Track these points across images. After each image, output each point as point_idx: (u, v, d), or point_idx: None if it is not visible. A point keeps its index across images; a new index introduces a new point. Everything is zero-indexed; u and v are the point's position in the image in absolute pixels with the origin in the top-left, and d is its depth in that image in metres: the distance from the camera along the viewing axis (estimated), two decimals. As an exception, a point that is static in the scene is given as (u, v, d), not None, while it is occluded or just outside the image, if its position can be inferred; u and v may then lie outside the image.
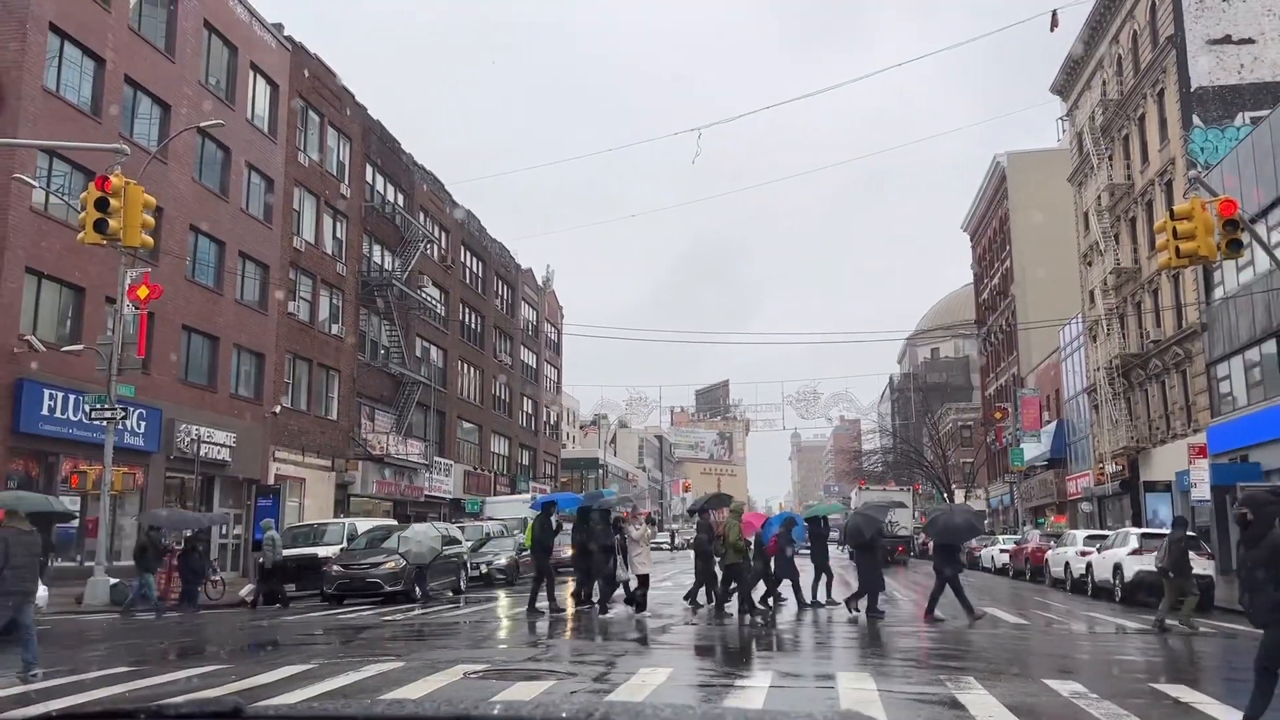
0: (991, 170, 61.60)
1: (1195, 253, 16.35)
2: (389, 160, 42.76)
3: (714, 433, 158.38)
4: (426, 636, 15.82)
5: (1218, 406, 30.97)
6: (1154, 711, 8.62)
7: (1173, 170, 34.00)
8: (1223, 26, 33.51)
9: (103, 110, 25.35)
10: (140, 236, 17.12)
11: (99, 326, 23.74)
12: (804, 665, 12.52)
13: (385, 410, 41.17)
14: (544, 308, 66.37)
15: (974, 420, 74.45)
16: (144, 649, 14.09)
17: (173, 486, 27.99)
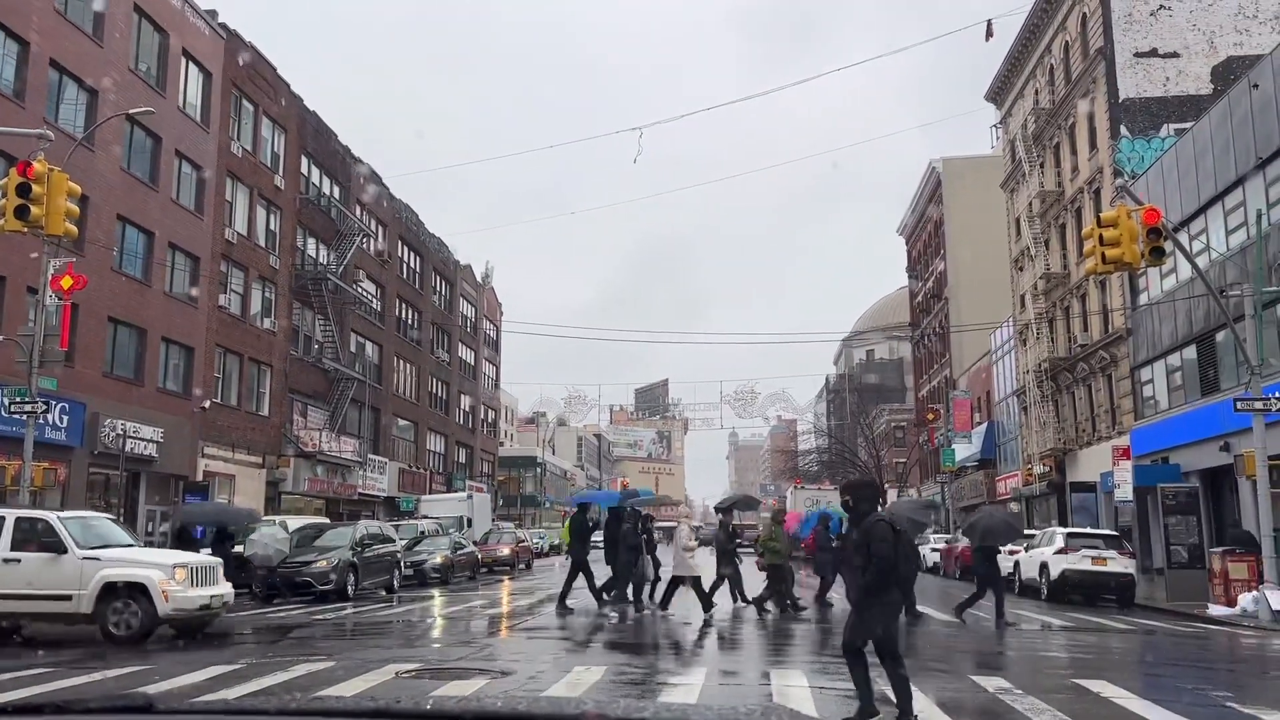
0: (927, 175, 62.62)
1: (1120, 260, 16.81)
2: (325, 152, 42.12)
3: (652, 431, 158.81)
4: (358, 636, 15.64)
5: (1141, 410, 31.86)
6: (1075, 706, 8.83)
7: (1101, 179, 34.90)
8: (1149, 40, 34.48)
9: (26, 94, 24.59)
10: (64, 225, 16.63)
11: (20, 317, 23.01)
12: (740, 663, 12.60)
13: (318, 406, 40.55)
14: (483, 304, 65.94)
15: (907, 421, 75.62)
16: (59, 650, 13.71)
17: (97, 483, 27.25)
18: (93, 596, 13.75)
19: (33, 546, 14.08)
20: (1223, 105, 26.47)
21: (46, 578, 13.85)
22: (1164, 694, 9.73)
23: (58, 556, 13.92)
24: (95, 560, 14.05)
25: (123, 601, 13.77)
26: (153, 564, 14.30)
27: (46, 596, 13.86)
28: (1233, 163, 25.35)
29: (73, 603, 13.79)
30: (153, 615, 13.76)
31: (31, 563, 13.95)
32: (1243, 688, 10.97)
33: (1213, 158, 26.52)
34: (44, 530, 14.22)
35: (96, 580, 13.81)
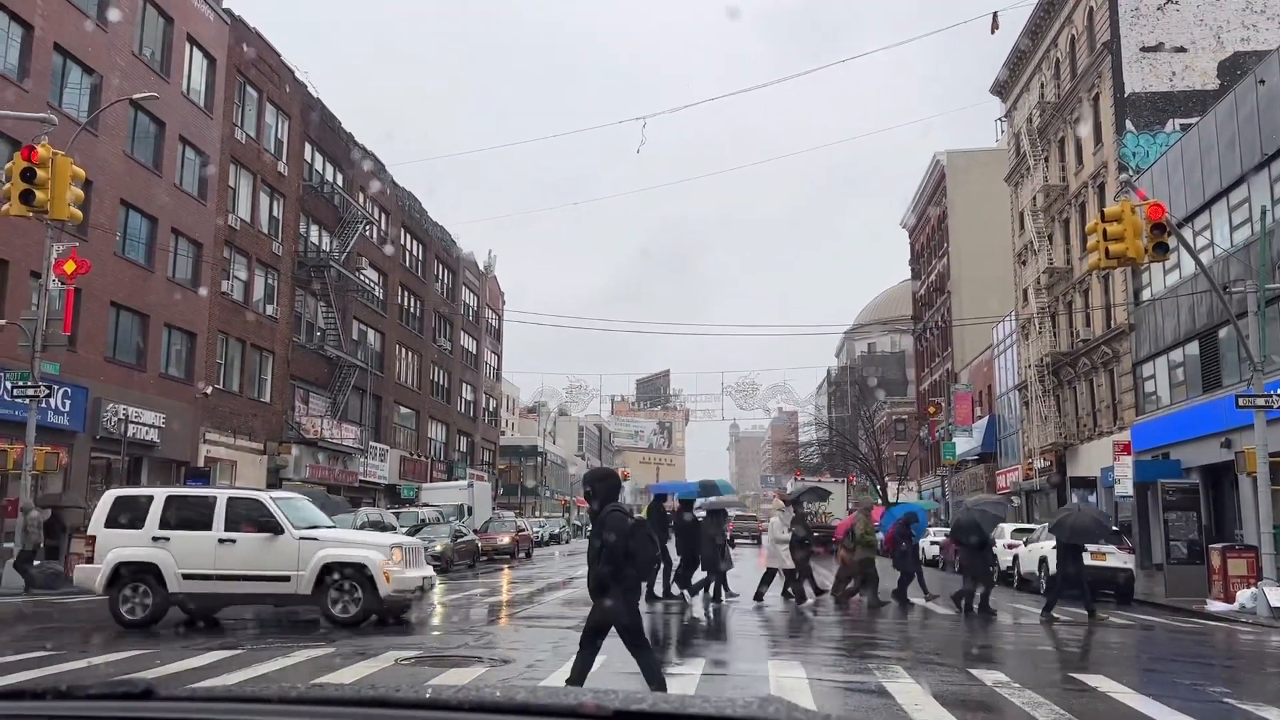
0: (931, 169, 62.50)
1: (1124, 255, 16.77)
2: (329, 139, 42.07)
3: (654, 422, 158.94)
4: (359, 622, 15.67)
5: (1142, 405, 31.85)
6: (1073, 700, 8.85)
7: (1105, 173, 34.82)
8: (1156, 35, 34.36)
9: (30, 78, 24.56)
10: (68, 209, 16.65)
11: (23, 301, 23.02)
12: (738, 655, 12.63)
13: (320, 393, 40.58)
14: (485, 294, 65.91)
15: (908, 414, 75.65)
16: (63, 633, 13.76)
17: (99, 467, 27.30)
18: (311, 578, 13.58)
19: (248, 527, 13.90)
20: (1229, 101, 26.39)
21: (263, 559, 13.65)
22: (1162, 689, 9.76)
23: (274, 537, 13.74)
24: (312, 541, 13.88)
25: (345, 583, 13.59)
26: (372, 545, 14.18)
27: (264, 577, 13.68)
28: (1238, 159, 25.28)
29: (290, 584, 13.66)
30: (374, 597, 13.60)
31: (248, 544, 13.77)
32: (1240, 684, 10.99)
33: (1218, 153, 26.45)
34: (257, 510, 14.09)
35: (315, 561, 13.62)
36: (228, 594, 13.98)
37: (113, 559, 13.78)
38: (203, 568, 13.74)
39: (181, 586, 13.72)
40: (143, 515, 14.12)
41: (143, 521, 14.06)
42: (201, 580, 13.74)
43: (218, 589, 13.83)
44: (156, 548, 13.75)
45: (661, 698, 1.40)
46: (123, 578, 13.70)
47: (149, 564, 13.67)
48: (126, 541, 13.94)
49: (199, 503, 14.42)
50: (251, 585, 13.79)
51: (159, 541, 13.82)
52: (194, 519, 14.05)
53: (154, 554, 13.70)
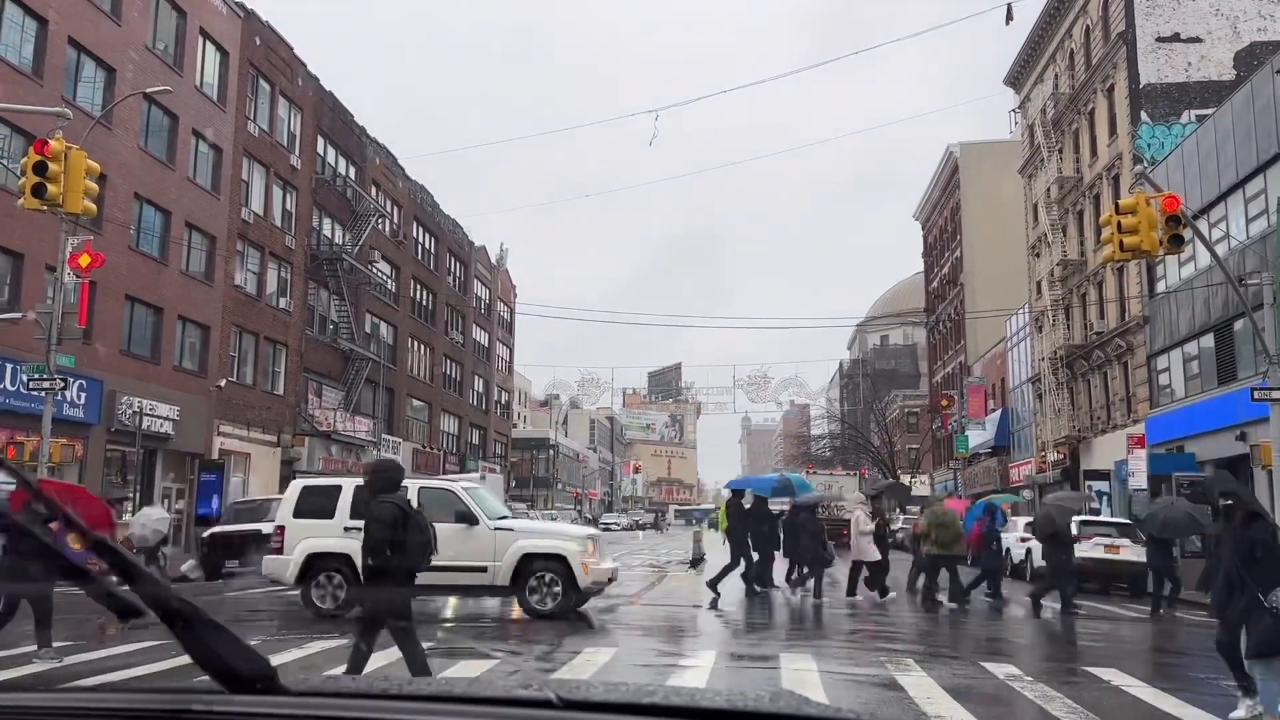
0: (944, 160, 62.22)
1: (1138, 247, 16.68)
2: (341, 132, 42.14)
3: (665, 415, 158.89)
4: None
5: (1157, 398, 31.69)
6: (1084, 693, 8.84)
7: (1120, 165, 34.60)
8: (1172, 25, 34.10)
9: (44, 72, 24.67)
10: (82, 203, 16.72)
11: (38, 294, 23.15)
12: (749, 647, 12.64)
13: (333, 386, 40.73)
14: (497, 286, 65.98)
15: (921, 407, 75.47)
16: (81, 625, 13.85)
17: (114, 459, 27.48)
18: (509, 569, 13.46)
19: (438, 517, 13.47)
20: (1245, 91, 26.18)
21: (460, 550, 13.46)
22: (1175, 683, 9.73)
23: (469, 528, 13.61)
24: (509, 531, 13.79)
25: (545, 575, 13.46)
26: (569, 536, 14.11)
27: (461, 568, 13.48)
28: (1254, 150, 25.09)
29: (488, 575, 13.55)
30: (573, 589, 13.49)
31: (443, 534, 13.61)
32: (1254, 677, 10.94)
33: (1234, 145, 26.26)
34: (450, 500, 13.99)
35: (513, 552, 13.49)
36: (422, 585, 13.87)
37: (305, 549, 13.66)
38: None
39: None
40: (332, 505, 13.99)
41: (333, 511, 13.92)
42: None
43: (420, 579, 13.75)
44: (349, 538, 13.50)
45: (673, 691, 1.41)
46: (315, 568, 13.60)
47: (342, 554, 13.54)
48: (318, 532, 13.81)
49: None
50: (448, 576, 13.41)
51: (351, 531, 13.56)
52: None
53: (347, 544, 13.45)
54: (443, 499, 14.05)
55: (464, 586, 13.90)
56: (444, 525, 13.52)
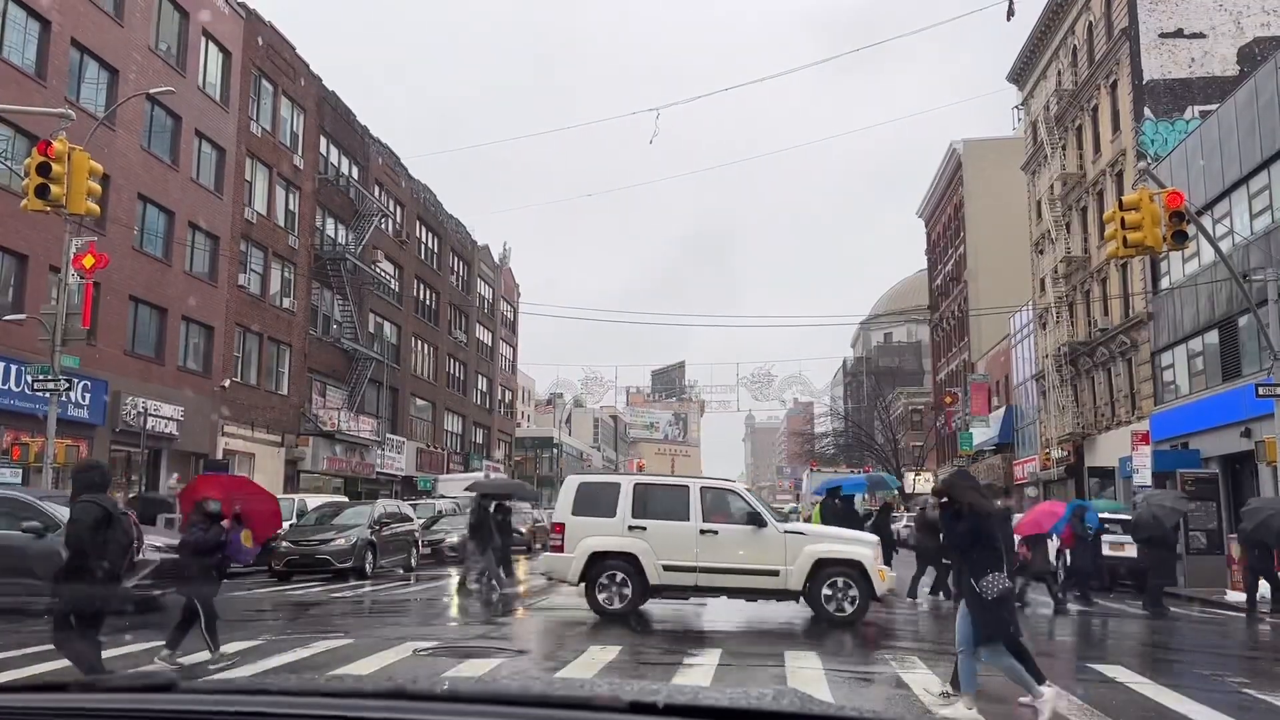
0: (947, 157, 62.13)
1: (1142, 243, 16.65)
2: (343, 132, 42.17)
3: (669, 413, 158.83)
4: (377, 613, 15.77)
5: (1161, 395, 31.64)
6: (1090, 690, 8.83)
7: (1124, 161, 34.54)
8: (1175, 20, 34.02)
9: (47, 74, 24.71)
10: (85, 204, 16.74)
11: (42, 295, 23.18)
12: (754, 645, 12.64)
13: (337, 386, 40.77)
14: (500, 285, 66.01)
15: (925, 404, 75.40)
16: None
17: (118, 460, 27.50)
18: (802, 574, 13.22)
19: (718, 518, 13.58)
20: (1248, 87, 26.13)
21: (749, 552, 13.28)
22: (1180, 679, 9.72)
23: (758, 530, 13.38)
24: (799, 535, 13.58)
25: (839, 580, 13.23)
26: (861, 541, 13.90)
27: (749, 571, 13.32)
28: (1258, 145, 25.04)
29: (779, 579, 13.29)
30: (868, 596, 13.29)
31: (731, 536, 13.40)
32: (1260, 674, 10.94)
33: (1237, 140, 26.21)
34: (734, 502, 13.83)
35: (806, 557, 13.25)
36: (709, 587, 13.59)
37: (588, 547, 13.52)
38: (684, 559, 13.33)
39: (661, 578, 13.36)
40: (612, 503, 13.84)
41: (614, 509, 13.77)
42: (683, 572, 13.34)
43: (700, 581, 13.45)
44: (634, 537, 13.43)
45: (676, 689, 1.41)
46: (598, 567, 13.47)
47: (627, 553, 13.42)
48: (600, 530, 13.68)
49: (672, 492, 14.07)
50: (736, 579, 13.36)
51: (635, 530, 13.48)
52: (668, 508, 13.70)
53: (632, 543, 13.39)
54: (726, 499, 13.84)
55: (752, 590, 13.64)
56: (731, 527, 13.38)
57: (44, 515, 14.72)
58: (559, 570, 13.97)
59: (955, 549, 7.97)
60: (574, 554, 13.54)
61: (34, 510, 14.87)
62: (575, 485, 14.51)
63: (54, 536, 14.39)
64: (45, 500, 15.62)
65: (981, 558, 7.52)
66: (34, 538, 14.36)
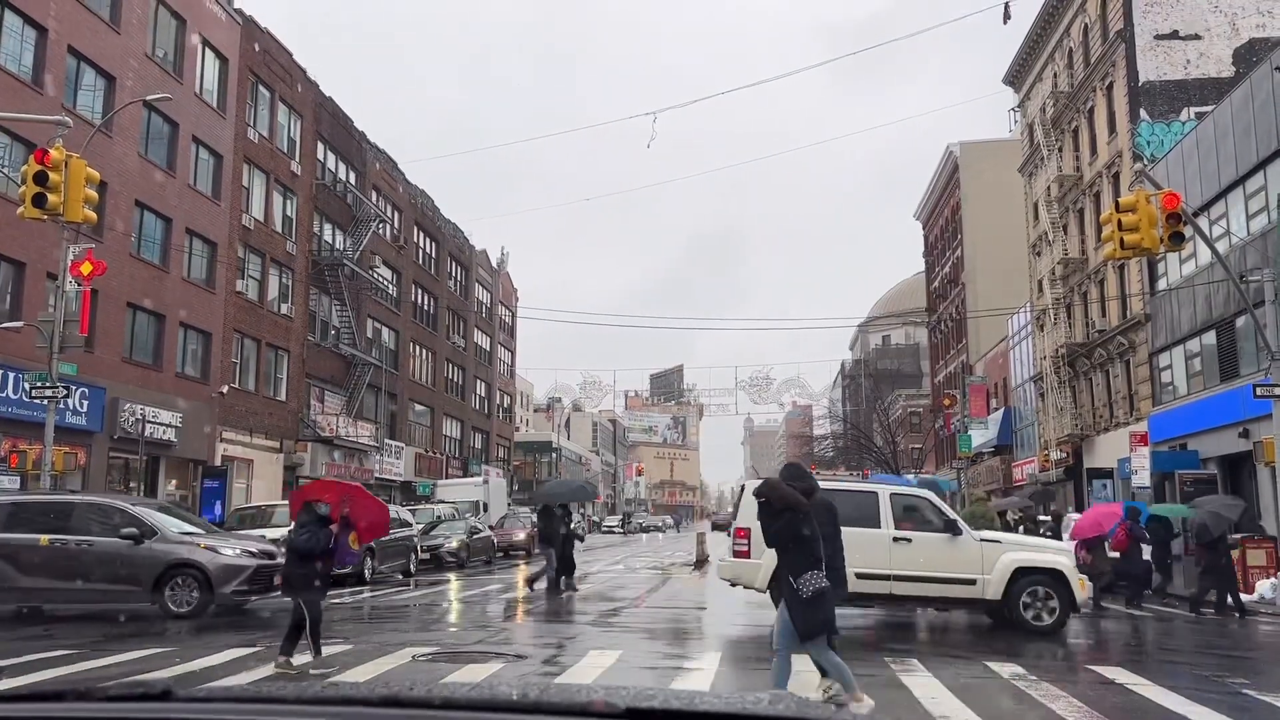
0: (944, 160, 62.22)
1: (1139, 245, 16.67)
2: (341, 138, 42.20)
3: (668, 417, 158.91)
4: (376, 619, 15.77)
5: (1159, 395, 31.66)
6: (1091, 692, 8.84)
7: (1120, 163, 34.60)
8: (1170, 22, 34.09)
9: (44, 81, 24.72)
10: (82, 211, 16.74)
11: (40, 303, 23.19)
12: (753, 649, 12.63)
13: (335, 391, 40.76)
14: (498, 290, 66.03)
15: (923, 406, 75.43)
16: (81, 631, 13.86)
17: (117, 467, 27.50)
18: (1001, 583, 12.94)
19: (907, 525, 13.37)
20: (1244, 88, 26.18)
21: (944, 560, 13.04)
22: (1180, 680, 9.72)
23: (953, 538, 13.14)
24: (995, 543, 13.32)
25: (1039, 589, 13.00)
26: (1058, 549, 13.71)
27: (944, 580, 13.07)
28: (1254, 146, 25.08)
29: (976, 588, 13.01)
30: (1068, 607, 13.06)
31: (925, 543, 13.15)
32: (1260, 674, 10.94)
33: (1233, 141, 26.25)
34: (924, 508, 13.64)
35: (1004, 565, 12.96)
36: (903, 595, 13.36)
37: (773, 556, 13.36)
38: (877, 567, 13.01)
39: (854, 586, 13.08)
40: None
41: None
42: (877, 580, 13.02)
43: (894, 590, 13.21)
44: None
45: (672, 694, 1.41)
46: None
47: None
48: None
49: (860, 498, 13.89)
50: (931, 588, 13.13)
51: None
52: (857, 515, 13.33)
53: None
54: (919, 508, 13.67)
55: (947, 599, 13.45)
56: (924, 534, 13.13)
57: (141, 522, 14.92)
58: (745, 576, 13.64)
59: (773, 546, 7.99)
60: (761, 560, 13.23)
61: (131, 517, 15.17)
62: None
63: (150, 542, 14.62)
64: (137, 506, 15.97)
65: (798, 556, 7.56)
66: (132, 544, 14.52)
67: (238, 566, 15.02)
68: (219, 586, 14.73)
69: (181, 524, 16.09)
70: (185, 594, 14.67)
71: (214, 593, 14.72)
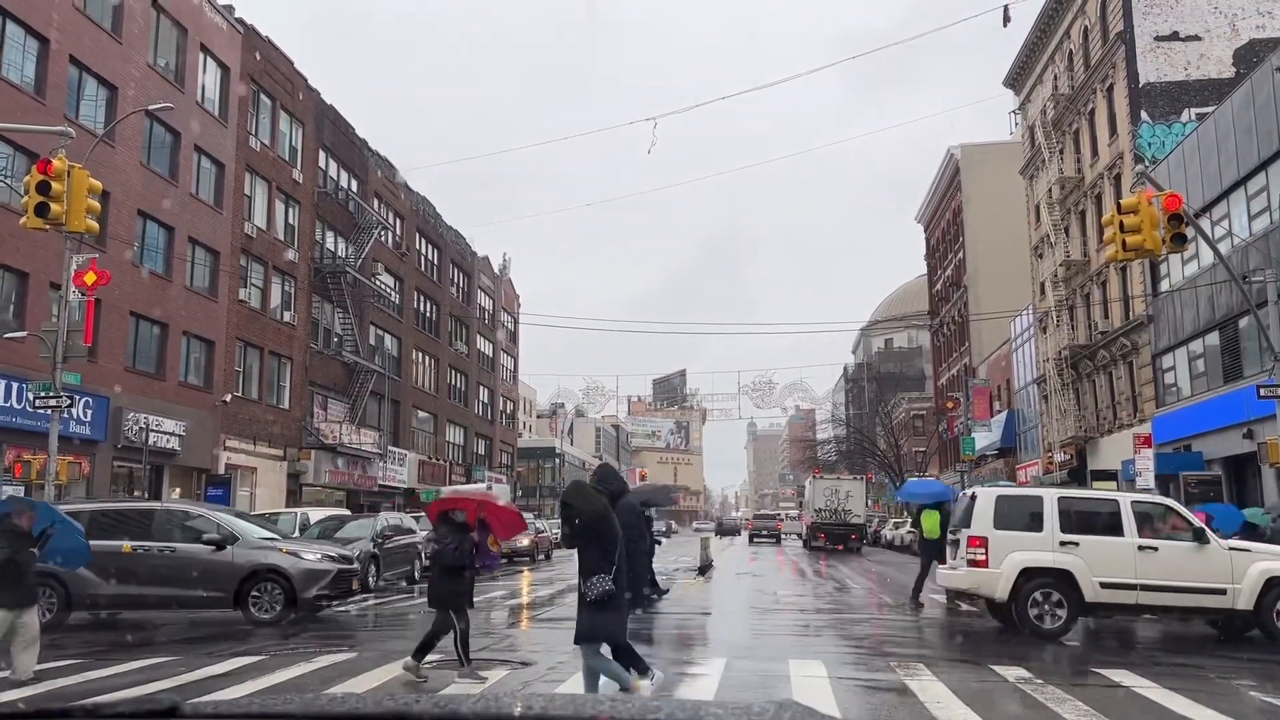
0: (945, 162, 62.22)
1: (1141, 246, 16.65)
2: (342, 145, 42.26)
3: (671, 422, 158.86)
4: (380, 627, 15.77)
5: (1163, 397, 31.63)
6: (1096, 695, 8.82)
7: (1121, 165, 34.60)
8: (1170, 23, 34.11)
9: (47, 91, 24.78)
10: (85, 221, 16.76)
11: (43, 313, 23.23)
12: (758, 653, 12.62)
13: (338, 399, 40.78)
14: (501, 296, 66.05)
15: (926, 410, 75.36)
16: (92, 641, 13.87)
17: (120, 476, 27.52)
18: (1253, 592, 12.64)
19: (1154, 533, 13.14)
20: (1245, 89, 26.18)
21: (1192, 569, 12.79)
22: (1186, 683, 9.70)
23: (1200, 546, 12.88)
24: (1244, 552, 13.03)
25: None
26: None
27: (1192, 589, 12.80)
28: (1255, 147, 25.08)
29: (1226, 597, 12.74)
30: None
31: (1172, 552, 12.91)
32: (1267, 677, 10.91)
33: (1235, 142, 26.25)
34: (1169, 515, 13.43)
35: (1255, 574, 12.69)
36: (1150, 605, 13.18)
37: (1017, 563, 13.12)
38: (1122, 576, 12.90)
39: (1099, 596, 12.94)
40: (1037, 517, 13.40)
41: (1040, 524, 13.34)
42: (1123, 590, 12.89)
43: (1140, 600, 13.04)
44: (1065, 553, 13.02)
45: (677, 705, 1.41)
46: (1029, 584, 13.08)
47: (1061, 570, 13.04)
48: (1026, 545, 13.25)
49: (1101, 506, 13.78)
50: (1178, 598, 12.89)
51: (1066, 546, 13.05)
52: (1099, 523, 13.35)
53: (1066, 560, 13.01)
54: (1163, 516, 13.48)
55: (1198, 609, 13.26)
56: (1170, 543, 12.92)
57: (221, 529, 14.97)
58: (985, 586, 13.50)
59: (569, 546, 8.08)
60: (1000, 569, 13.09)
61: (212, 523, 15.30)
62: (993, 498, 14.08)
63: (232, 548, 14.68)
64: (217, 511, 16.08)
65: (590, 559, 7.62)
66: (213, 550, 14.57)
67: (320, 571, 15.03)
68: (302, 591, 14.71)
69: (258, 529, 16.18)
70: (268, 600, 14.67)
71: (297, 598, 14.70)
